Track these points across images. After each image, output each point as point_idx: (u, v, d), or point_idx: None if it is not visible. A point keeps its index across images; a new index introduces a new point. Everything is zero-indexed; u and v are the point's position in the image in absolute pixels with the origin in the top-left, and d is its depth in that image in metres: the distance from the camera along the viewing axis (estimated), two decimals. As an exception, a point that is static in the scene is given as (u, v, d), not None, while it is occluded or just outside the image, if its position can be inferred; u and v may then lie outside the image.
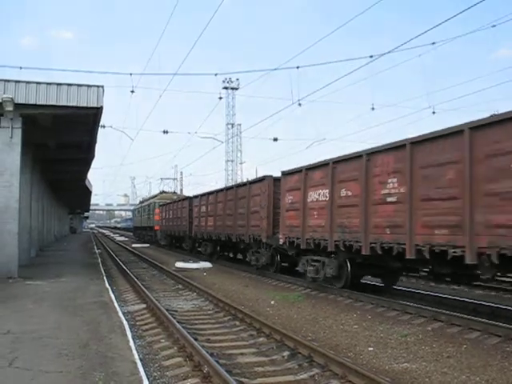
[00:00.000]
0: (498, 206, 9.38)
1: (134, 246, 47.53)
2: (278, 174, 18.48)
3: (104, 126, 24.90)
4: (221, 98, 38.72)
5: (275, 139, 38.27)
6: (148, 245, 49.36)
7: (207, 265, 25.40)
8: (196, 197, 32.53)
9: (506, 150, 9.26)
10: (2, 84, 16.66)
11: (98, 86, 17.08)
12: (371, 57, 17.49)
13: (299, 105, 24.46)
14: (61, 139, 23.35)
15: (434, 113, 26.94)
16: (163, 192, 56.16)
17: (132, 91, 21.10)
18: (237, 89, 57.01)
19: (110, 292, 14.54)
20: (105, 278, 18.22)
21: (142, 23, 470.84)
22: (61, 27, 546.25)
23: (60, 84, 17.01)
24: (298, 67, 20.00)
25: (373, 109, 30.94)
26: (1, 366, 6.96)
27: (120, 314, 11.11)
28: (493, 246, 9.41)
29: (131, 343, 8.50)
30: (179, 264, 25.50)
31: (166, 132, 32.81)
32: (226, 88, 56.34)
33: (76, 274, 19.31)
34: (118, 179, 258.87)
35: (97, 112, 17.76)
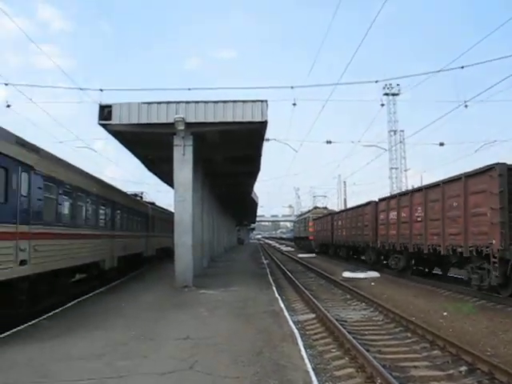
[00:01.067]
0: (450, 223, 17.83)
1: (300, 256, 48.05)
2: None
3: (268, 139, 25.42)
4: (383, 104, 37.76)
5: (441, 144, 36.60)
6: (314, 255, 49.74)
7: (374, 274, 25.00)
8: (336, 213, 43.76)
9: (453, 195, 17.70)
10: (174, 105, 17.72)
11: (261, 101, 17.52)
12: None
13: (465, 106, 23.21)
14: (228, 154, 24.34)
15: None
16: (316, 207, 66.86)
17: (294, 104, 21.26)
18: (398, 94, 55.45)
19: (280, 301, 14.80)
20: (274, 287, 18.61)
21: (301, 36, 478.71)
22: (223, 47, 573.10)
23: (226, 101, 17.69)
24: (462, 67, 18.88)
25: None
26: (183, 368, 7.40)
27: (290, 324, 11.27)
28: (450, 244, 17.79)
29: (303, 352, 8.58)
30: (346, 274, 25.39)
31: (329, 142, 32.67)
32: (386, 94, 55.03)
33: (246, 283, 19.91)
34: (282, 191, 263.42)
35: (261, 126, 18.18)
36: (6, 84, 19.96)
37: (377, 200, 28.36)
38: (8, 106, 21.26)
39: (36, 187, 12.18)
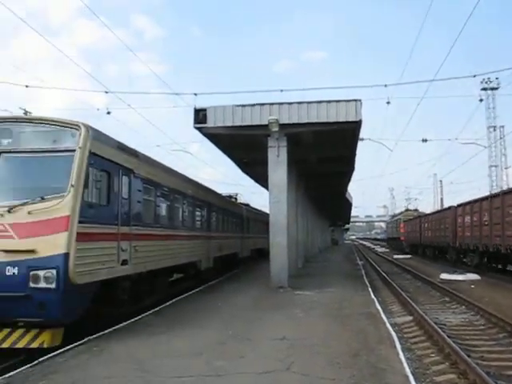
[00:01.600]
0: (508, 227, 21.85)
1: (395, 257, 47.18)
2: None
3: (362, 139, 25.01)
4: (481, 99, 36.24)
5: (546, 139, 34.64)
6: (410, 256, 48.67)
7: (474, 277, 24.02)
8: (423, 216, 49.35)
9: (510, 204, 22.01)
10: (267, 107, 17.84)
11: (355, 100, 17.31)
12: None
13: None
14: (321, 154, 24.20)
15: None
16: (407, 210, 72.83)
17: (388, 102, 20.80)
18: (497, 88, 52.78)
19: (376, 303, 14.53)
20: (369, 289, 18.29)
21: (392, 35, 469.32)
22: (315, 48, 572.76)
23: (320, 102, 17.60)
24: None
25: None
26: (280, 369, 7.44)
27: (387, 326, 11.02)
28: (508, 244, 21.79)
29: (401, 355, 8.34)
30: (444, 275, 24.59)
31: (424, 140, 31.59)
32: (484, 89, 52.55)
33: (341, 284, 19.72)
34: (377, 191, 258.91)
35: (356, 125, 17.98)
36: (107, 92, 20.98)
37: (455, 205, 33.28)
38: (108, 112, 22.26)
39: (136, 190, 12.62)
